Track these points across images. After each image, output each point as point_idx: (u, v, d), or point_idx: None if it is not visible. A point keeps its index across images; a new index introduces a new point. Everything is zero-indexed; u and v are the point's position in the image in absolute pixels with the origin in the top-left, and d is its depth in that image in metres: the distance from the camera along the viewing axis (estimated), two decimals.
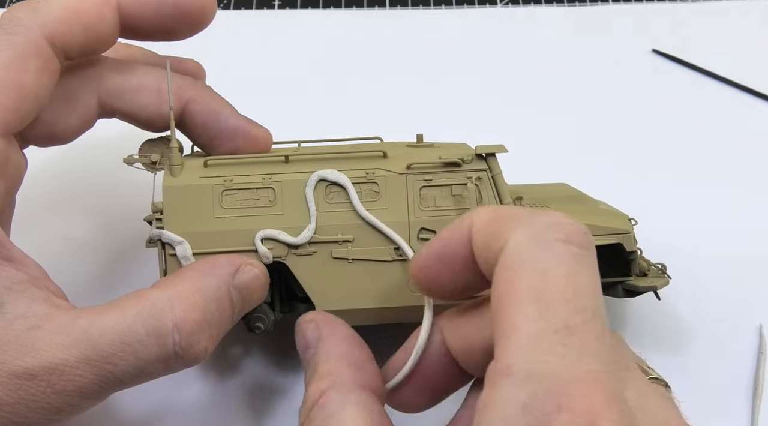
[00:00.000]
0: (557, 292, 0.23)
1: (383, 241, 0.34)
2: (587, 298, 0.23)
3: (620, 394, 0.22)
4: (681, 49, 0.55)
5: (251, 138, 0.36)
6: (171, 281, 0.32)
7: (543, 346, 0.22)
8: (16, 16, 0.32)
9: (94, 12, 0.33)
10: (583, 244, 0.24)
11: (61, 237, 0.44)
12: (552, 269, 0.23)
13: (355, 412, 0.27)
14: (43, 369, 0.28)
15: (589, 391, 0.22)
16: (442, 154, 0.35)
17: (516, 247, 0.24)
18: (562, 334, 0.22)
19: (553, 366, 0.22)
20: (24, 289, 0.30)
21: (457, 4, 0.58)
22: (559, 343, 0.22)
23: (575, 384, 0.22)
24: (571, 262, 0.24)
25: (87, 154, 0.44)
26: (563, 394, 0.21)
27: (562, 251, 0.24)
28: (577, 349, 0.22)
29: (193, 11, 0.34)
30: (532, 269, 0.24)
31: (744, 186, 0.48)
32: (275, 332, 0.36)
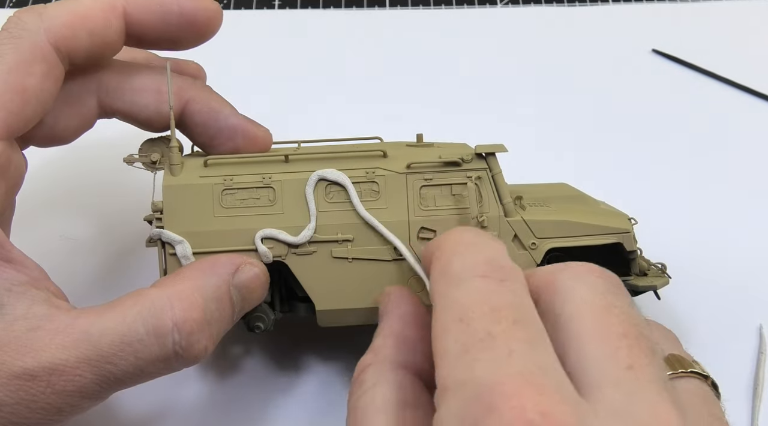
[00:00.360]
0: (474, 313, 0.24)
1: (383, 241, 0.34)
2: (505, 310, 0.24)
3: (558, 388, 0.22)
4: (681, 49, 0.55)
5: (251, 137, 0.36)
6: (171, 281, 0.32)
7: (469, 356, 0.23)
8: (22, 20, 0.32)
9: (100, 18, 0.33)
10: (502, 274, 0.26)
11: (61, 237, 0.44)
12: (467, 300, 0.25)
13: (387, 391, 0.27)
14: (43, 369, 0.28)
15: (518, 388, 0.21)
16: (442, 153, 0.35)
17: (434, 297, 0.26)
18: (486, 341, 0.23)
19: (479, 372, 0.22)
20: (24, 291, 0.30)
21: (457, 4, 0.58)
22: (482, 349, 0.23)
23: (503, 384, 0.22)
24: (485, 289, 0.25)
25: (87, 153, 0.44)
26: (492, 396, 0.21)
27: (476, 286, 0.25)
28: (502, 352, 0.23)
29: (199, 21, 0.34)
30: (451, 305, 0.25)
31: (744, 186, 0.48)
32: (275, 332, 0.36)
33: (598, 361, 0.24)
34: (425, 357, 0.29)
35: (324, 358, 0.39)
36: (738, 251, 0.45)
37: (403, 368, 0.28)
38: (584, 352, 0.24)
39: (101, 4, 0.33)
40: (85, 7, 0.33)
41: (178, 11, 0.34)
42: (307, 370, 0.39)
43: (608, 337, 0.24)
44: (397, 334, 0.29)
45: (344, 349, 0.40)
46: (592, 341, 0.24)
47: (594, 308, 0.25)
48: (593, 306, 0.25)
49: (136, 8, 0.34)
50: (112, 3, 0.33)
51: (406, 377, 0.28)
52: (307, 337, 0.40)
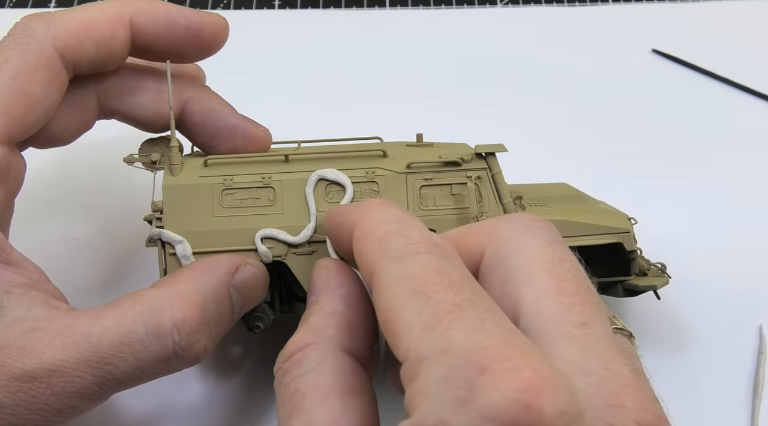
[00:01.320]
0: (432, 285, 0.24)
1: None
2: (462, 285, 0.24)
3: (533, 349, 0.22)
4: (681, 49, 0.55)
5: (250, 137, 0.36)
6: (170, 281, 0.32)
7: (441, 327, 0.23)
8: (29, 26, 0.32)
9: (106, 28, 0.33)
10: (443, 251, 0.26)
11: (62, 237, 0.44)
12: (419, 273, 0.24)
13: (331, 375, 0.26)
14: (43, 371, 0.28)
15: (504, 351, 0.22)
16: (442, 153, 0.35)
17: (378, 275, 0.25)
18: (455, 312, 0.23)
19: (459, 338, 0.22)
20: (24, 292, 0.30)
21: (457, 4, 0.58)
22: (455, 319, 0.23)
23: (488, 348, 0.22)
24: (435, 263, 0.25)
25: (87, 154, 0.44)
26: (482, 358, 0.22)
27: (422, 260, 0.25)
28: (474, 320, 0.23)
29: (205, 34, 0.34)
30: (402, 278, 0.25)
31: (744, 186, 0.48)
32: (275, 331, 0.36)
33: (553, 318, 0.24)
34: (366, 341, 0.28)
35: None
36: (738, 251, 0.45)
37: (346, 352, 0.27)
38: (540, 310, 0.24)
39: (108, 14, 0.33)
40: (92, 16, 0.33)
41: (185, 24, 0.34)
42: None
43: (562, 295, 0.25)
44: (340, 315, 0.28)
45: None
46: (547, 299, 0.25)
47: (546, 264, 0.26)
48: (545, 261, 0.26)
49: (142, 20, 0.34)
50: (119, 13, 0.33)
51: (349, 361, 0.27)
52: None
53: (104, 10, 0.33)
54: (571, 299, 0.25)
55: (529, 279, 0.25)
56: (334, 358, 0.27)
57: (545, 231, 0.27)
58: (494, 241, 0.27)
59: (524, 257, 0.26)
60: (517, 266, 0.26)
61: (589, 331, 0.24)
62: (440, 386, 0.22)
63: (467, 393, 0.21)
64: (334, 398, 0.26)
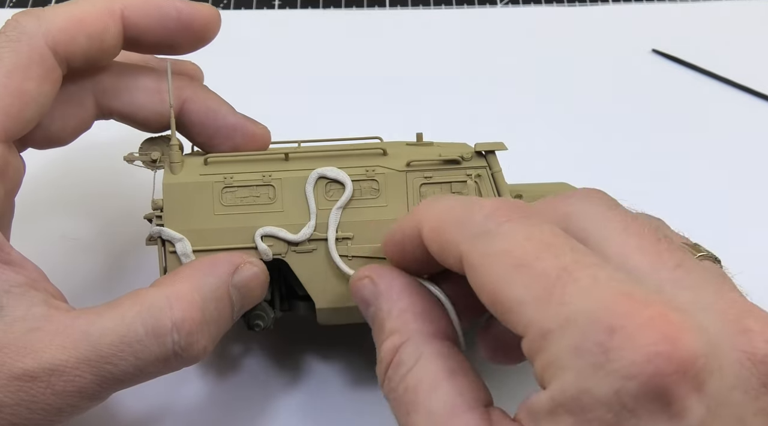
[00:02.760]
0: (530, 255, 0.24)
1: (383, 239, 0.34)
2: (558, 246, 0.24)
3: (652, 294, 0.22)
4: (681, 49, 0.55)
5: (250, 135, 0.36)
6: (170, 280, 0.32)
7: (556, 296, 0.23)
8: (20, 23, 0.32)
9: (98, 22, 0.33)
10: (523, 212, 0.26)
11: (62, 237, 0.44)
12: (513, 245, 0.24)
13: (433, 363, 0.27)
14: (43, 370, 0.28)
15: (627, 302, 0.22)
16: (442, 152, 0.35)
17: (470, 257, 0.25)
18: (564, 277, 0.23)
19: (576, 303, 0.22)
20: (23, 292, 0.30)
21: (457, 4, 0.58)
22: (567, 284, 0.23)
23: (611, 306, 0.22)
24: (523, 230, 0.25)
25: (87, 154, 0.44)
26: (607, 318, 0.22)
27: (510, 229, 0.25)
28: (587, 281, 0.23)
29: (196, 25, 0.34)
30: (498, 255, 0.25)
31: (744, 186, 0.48)
32: (275, 330, 0.36)
33: (650, 269, 0.24)
34: (444, 320, 0.29)
35: (324, 356, 0.39)
36: (738, 251, 0.45)
37: (436, 337, 0.28)
38: (634, 265, 0.24)
39: (100, 8, 0.33)
40: (83, 11, 0.33)
41: (176, 16, 0.34)
42: (307, 369, 0.39)
43: (645, 246, 0.25)
44: (411, 308, 0.28)
45: (344, 348, 0.39)
46: (634, 254, 0.25)
47: (620, 224, 0.26)
48: (617, 222, 0.26)
49: (134, 13, 0.34)
50: (110, 7, 0.33)
51: (443, 345, 0.27)
52: (306, 336, 0.40)
53: (95, 4, 0.33)
54: (656, 248, 0.25)
55: (609, 241, 0.25)
56: (428, 348, 0.27)
57: (605, 198, 0.27)
58: (561, 217, 0.26)
59: (597, 224, 0.26)
60: (593, 234, 0.25)
61: (687, 270, 0.24)
62: (573, 355, 0.22)
63: (603, 357, 0.21)
64: (443, 383, 0.26)
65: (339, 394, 0.38)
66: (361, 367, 0.39)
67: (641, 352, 0.21)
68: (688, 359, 0.21)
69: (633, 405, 0.21)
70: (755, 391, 0.22)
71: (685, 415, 0.21)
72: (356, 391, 0.39)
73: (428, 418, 0.26)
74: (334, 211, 0.34)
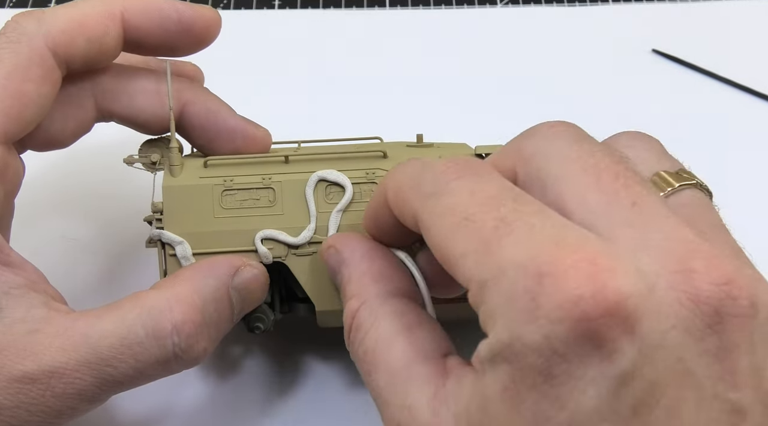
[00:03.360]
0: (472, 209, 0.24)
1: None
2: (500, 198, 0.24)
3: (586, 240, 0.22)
4: (681, 49, 0.55)
5: (250, 138, 0.36)
6: (170, 283, 0.32)
7: (492, 247, 0.23)
8: (20, 25, 0.32)
9: (98, 25, 0.33)
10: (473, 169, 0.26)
11: (62, 238, 0.44)
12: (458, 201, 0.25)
13: (388, 321, 0.27)
14: (43, 373, 0.28)
15: (557, 248, 0.22)
16: (442, 153, 0.35)
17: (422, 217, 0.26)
18: (501, 227, 0.23)
19: (511, 252, 0.22)
20: (23, 294, 0.30)
21: (457, 4, 0.58)
22: (503, 235, 0.23)
23: (541, 254, 0.22)
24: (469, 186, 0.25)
25: (87, 155, 0.44)
26: (537, 265, 0.22)
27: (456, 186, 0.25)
28: (522, 230, 0.23)
29: (197, 28, 0.34)
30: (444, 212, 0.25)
31: (744, 186, 0.48)
32: (275, 332, 0.36)
33: (601, 208, 0.24)
34: (406, 279, 0.29)
35: (324, 358, 0.39)
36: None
37: (392, 295, 0.28)
38: (587, 204, 0.24)
39: (100, 10, 0.33)
40: (83, 13, 0.33)
41: (176, 18, 0.34)
42: (307, 371, 0.39)
43: (602, 184, 0.24)
44: (369, 271, 0.29)
45: (344, 350, 0.39)
46: (589, 193, 0.24)
47: (577, 162, 0.25)
48: (575, 160, 0.25)
49: (134, 15, 0.34)
50: (110, 9, 0.33)
51: (399, 302, 0.28)
52: (306, 338, 0.40)
53: (95, 6, 0.33)
54: (613, 185, 0.24)
55: (566, 181, 0.25)
56: (383, 308, 0.28)
57: (568, 132, 0.27)
58: (522, 159, 0.26)
59: (555, 164, 0.25)
60: (551, 174, 0.25)
61: (641, 208, 0.24)
62: (505, 304, 0.22)
63: (532, 304, 0.21)
64: (398, 339, 0.27)
65: (339, 395, 0.38)
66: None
67: (567, 296, 0.21)
68: (616, 301, 0.21)
69: (563, 349, 0.21)
70: (700, 332, 0.22)
71: (616, 357, 0.21)
72: (356, 392, 0.39)
73: (387, 375, 0.26)
74: (334, 214, 0.34)
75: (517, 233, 0.23)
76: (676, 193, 0.27)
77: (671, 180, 0.28)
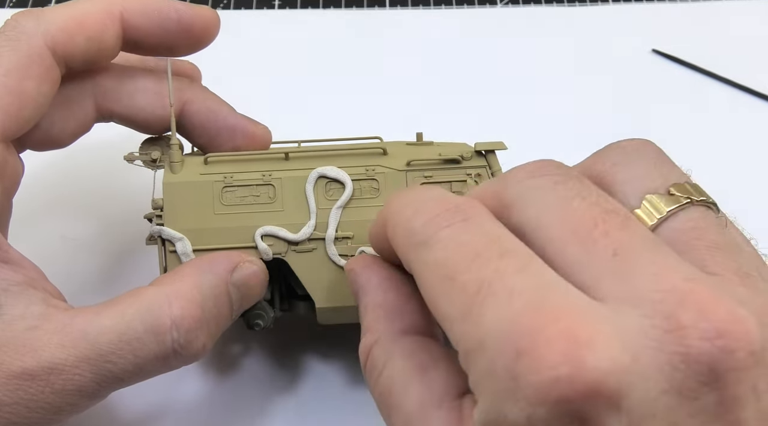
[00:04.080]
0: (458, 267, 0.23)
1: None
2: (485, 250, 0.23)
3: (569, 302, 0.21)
4: (681, 49, 0.55)
5: (250, 136, 0.36)
6: (169, 279, 0.32)
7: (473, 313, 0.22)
8: (19, 23, 0.32)
9: (97, 23, 0.33)
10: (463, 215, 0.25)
11: (61, 237, 0.44)
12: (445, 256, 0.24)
13: (402, 363, 0.26)
14: (42, 369, 0.28)
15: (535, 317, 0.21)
16: (442, 151, 0.35)
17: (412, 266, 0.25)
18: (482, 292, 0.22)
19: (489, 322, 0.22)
20: (21, 291, 0.30)
21: (457, 4, 0.58)
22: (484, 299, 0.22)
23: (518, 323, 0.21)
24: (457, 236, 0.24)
25: (87, 154, 0.44)
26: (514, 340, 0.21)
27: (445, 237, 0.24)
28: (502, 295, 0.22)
29: (196, 28, 0.34)
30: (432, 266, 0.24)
31: (744, 187, 0.48)
32: (275, 330, 0.36)
33: (584, 261, 0.23)
34: (420, 313, 0.28)
35: (323, 356, 0.39)
36: None
37: (405, 333, 0.27)
38: (568, 258, 0.23)
39: (99, 9, 0.33)
40: (82, 11, 0.33)
41: (176, 18, 0.34)
42: (307, 369, 0.39)
43: (581, 235, 0.23)
44: (383, 304, 0.28)
45: (344, 348, 0.39)
46: (570, 244, 0.23)
47: (555, 212, 0.24)
48: (553, 210, 0.24)
49: (133, 14, 0.34)
50: (109, 8, 0.33)
51: (412, 341, 0.27)
52: (306, 336, 0.40)
53: (94, 5, 0.33)
54: (591, 235, 0.23)
55: (546, 234, 0.24)
56: (395, 347, 0.27)
57: (545, 179, 0.25)
58: (502, 208, 0.26)
59: (533, 216, 0.24)
60: (531, 227, 0.24)
61: (623, 257, 0.22)
62: (488, 379, 0.21)
63: (512, 383, 0.21)
64: (413, 382, 0.26)
65: (339, 394, 0.38)
66: (360, 367, 0.39)
67: (544, 378, 0.20)
68: (595, 380, 0.20)
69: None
70: (694, 392, 0.20)
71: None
72: (356, 391, 0.39)
73: (404, 419, 0.26)
74: (334, 211, 0.34)
75: (498, 297, 0.22)
76: (669, 218, 0.26)
77: (661, 205, 0.26)
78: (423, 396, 0.25)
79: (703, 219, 0.26)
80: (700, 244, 0.25)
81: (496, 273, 0.22)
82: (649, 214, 0.26)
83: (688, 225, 0.26)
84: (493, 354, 0.21)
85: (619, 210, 0.24)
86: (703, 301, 0.21)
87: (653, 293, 0.21)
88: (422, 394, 0.25)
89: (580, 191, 0.25)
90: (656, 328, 0.21)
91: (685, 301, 0.21)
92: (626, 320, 0.21)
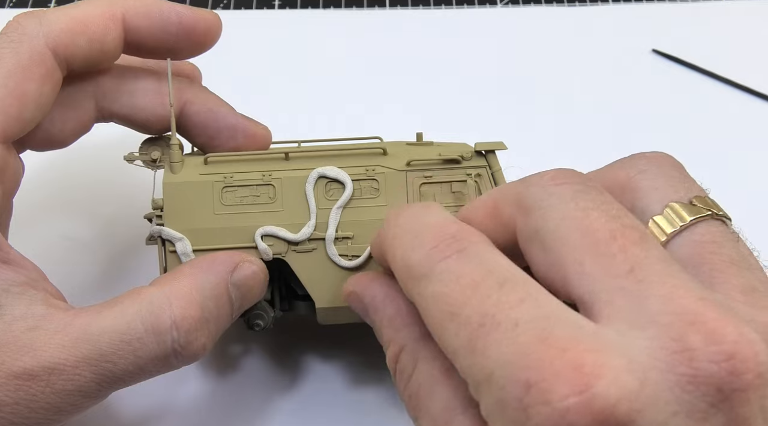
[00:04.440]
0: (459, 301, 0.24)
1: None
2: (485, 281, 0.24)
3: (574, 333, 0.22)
4: (681, 49, 0.55)
5: (251, 135, 0.36)
6: (169, 279, 0.32)
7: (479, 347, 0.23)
8: (21, 25, 0.32)
9: (99, 25, 0.33)
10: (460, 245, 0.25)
11: (61, 237, 0.44)
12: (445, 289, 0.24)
13: (428, 367, 0.27)
14: (43, 369, 0.28)
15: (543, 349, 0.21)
16: (442, 151, 0.35)
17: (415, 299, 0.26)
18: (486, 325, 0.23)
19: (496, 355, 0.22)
20: (22, 291, 0.30)
21: (457, 4, 0.58)
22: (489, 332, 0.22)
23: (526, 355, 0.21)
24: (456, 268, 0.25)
25: (86, 153, 0.44)
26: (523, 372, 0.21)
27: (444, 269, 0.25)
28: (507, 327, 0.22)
29: (198, 31, 0.34)
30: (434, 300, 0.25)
31: (744, 187, 0.48)
32: (275, 330, 0.36)
33: (600, 275, 0.23)
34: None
35: (324, 356, 0.39)
36: None
37: (428, 337, 0.27)
38: (584, 271, 0.23)
39: (101, 12, 0.33)
40: (84, 13, 0.33)
41: (177, 21, 0.34)
42: (307, 369, 0.39)
43: (599, 247, 0.23)
44: (396, 316, 0.29)
45: (344, 348, 0.39)
46: (587, 257, 0.23)
47: (573, 221, 0.24)
48: (572, 219, 0.24)
49: (135, 17, 0.34)
50: (111, 11, 0.33)
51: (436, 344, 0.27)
52: (306, 336, 0.40)
53: (96, 7, 0.33)
54: (609, 248, 0.23)
55: (564, 244, 0.24)
56: (421, 351, 0.27)
57: (566, 187, 0.25)
58: (522, 211, 0.26)
59: (552, 223, 0.25)
60: (548, 234, 0.25)
61: (638, 274, 0.23)
62: (498, 412, 0.22)
63: (522, 414, 0.21)
64: (438, 385, 0.26)
65: (339, 394, 0.38)
66: (361, 367, 0.39)
67: (554, 410, 0.20)
68: (604, 408, 0.20)
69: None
70: (703, 414, 0.21)
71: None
72: (356, 391, 0.39)
73: (431, 422, 0.26)
74: (334, 211, 0.34)
75: (502, 331, 0.22)
76: (689, 228, 0.26)
77: (684, 214, 0.26)
78: (449, 400, 0.26)
79: (720, 233, 0.27)
80: (715, 259, 0.25)
81: (498, 305, 0.23)
82: (671, 221, 0.26)
83: (707, 238, 0.26)
84: (503, 386, 0.21)
85: (637, 226, 0.25)
86: (712, 322, 0.21)
87: (663, 316, 0.22)
88: (448, 397, 0.26)
89: (601, 203, 0.25)
90: (664, 350, 0.21)
91: (696, 322, 0.21)
92: (634, 343, 0.22)
